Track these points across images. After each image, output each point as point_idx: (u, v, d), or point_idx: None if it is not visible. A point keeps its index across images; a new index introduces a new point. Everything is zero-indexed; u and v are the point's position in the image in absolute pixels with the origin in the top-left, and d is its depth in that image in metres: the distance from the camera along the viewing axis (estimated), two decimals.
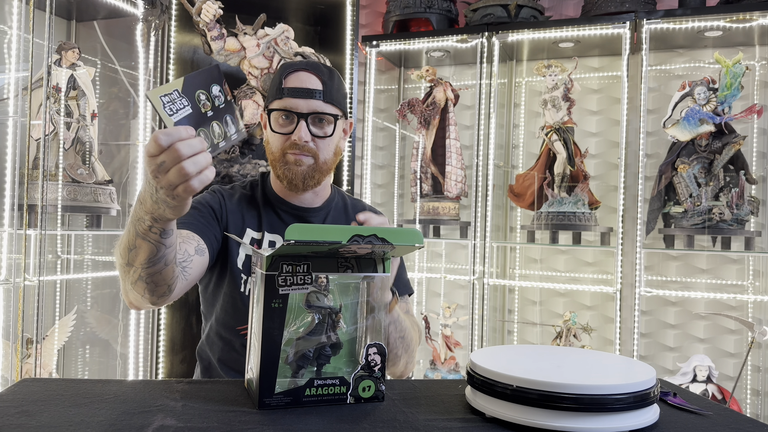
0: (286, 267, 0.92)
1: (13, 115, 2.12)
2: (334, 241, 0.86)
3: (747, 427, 0.89)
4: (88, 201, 2.33)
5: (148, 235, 1.01)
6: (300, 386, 0.94)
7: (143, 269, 1.07)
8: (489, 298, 2.91)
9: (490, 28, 2.89)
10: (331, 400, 0.96)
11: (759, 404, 2.77)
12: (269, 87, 1.36)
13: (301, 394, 0.94)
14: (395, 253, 0.98)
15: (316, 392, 0.95)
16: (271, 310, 0.92)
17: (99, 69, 2.66)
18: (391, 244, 0.90)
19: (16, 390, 1.00)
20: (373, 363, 0.98)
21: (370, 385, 0.98)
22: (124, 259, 1.08)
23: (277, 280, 0.92)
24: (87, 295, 2.72)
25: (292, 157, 1.31)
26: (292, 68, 1.32)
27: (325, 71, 1.33)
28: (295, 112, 1.29)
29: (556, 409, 0.84)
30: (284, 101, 1.30)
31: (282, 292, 0.92)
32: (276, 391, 0.93)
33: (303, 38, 2.82)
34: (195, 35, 2.60)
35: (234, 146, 2.60)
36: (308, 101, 1.29)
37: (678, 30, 2.68)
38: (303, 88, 1.30)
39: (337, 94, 1.33)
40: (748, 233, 2.55)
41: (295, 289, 0.93)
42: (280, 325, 0.92)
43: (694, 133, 2.60)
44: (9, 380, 2.14)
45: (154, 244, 1.03)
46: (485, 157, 2.90)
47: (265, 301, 0.92)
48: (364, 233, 0.88)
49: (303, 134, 1.29)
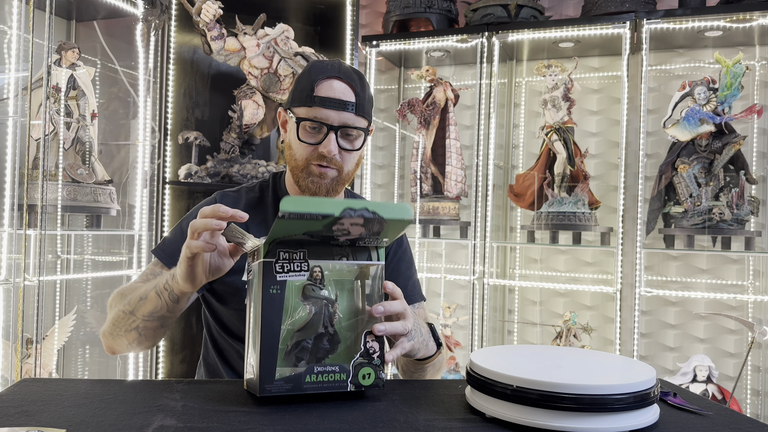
0: (283, 254, 0.94)
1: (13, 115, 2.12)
2: (327, 213, 0.86)
3: (747, 427, 0.89)
4: (88, 201, 2.33)
5: (162, 292, 1.11)
6: (300, 373, 0.94)
7: (143, 321, 1.14)
8: (489, 298, 2.91)
9: (490, 28, 2.89)
10: (331, 387, 0.96)
11: (759, 404, 2.77)
12: (295, 89, 1.28)
13: (302, 380, 0.94)
14: (388, 235, 0.97)
15: (317, 379, 0.95)
16: (270, 296, 0.93)
17: (99, 69, 2.66)
18: (382, 216, 0.90)
19: (16, 390, 1.00)
20: (371, 350, 0.98)
21: (369, 372, 0.98)
22: (131, 306, 1.15)
23: (274, 266, 0.93)
24: (87, 295, 2.72)
25: (316, 169, 1.25)
26: (325, 75, 1.24)
27: (357, 80, 1.26)
28: (326, 123, 1.23)
29: (556, 409, 0.84)
30: (314, 110, 1.23)
31: (280, 279, 0.93)
32: (276, 378, 0.93)
33: (303, 38, 2.82)
34: (195, 35, 2.60)
35: (234, 146, 2.60)
36: (340, 113, 1.23)
37: (678, 30, 2.68)
38: (336, 99, 1.23)
39: (368, 105, 1.28)
40: (748, 233, 2.55)
41: (293, 276, 0.94)
42: (278, 312, 0.93)
43: (694, 133, 2.60)
44: (9, 380, 2.14)
45: (163, 302, 1.11)
46: (485, 157, 2.90)
47: (263, 287, 0.93)
48: (356, 206, 0.88)
49: (332, 147, 1.23)
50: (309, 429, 0.84)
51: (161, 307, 1.12)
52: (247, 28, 2.53)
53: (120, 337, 1.18)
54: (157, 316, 1.14)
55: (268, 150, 2.85)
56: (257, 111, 2.58)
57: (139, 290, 1.16)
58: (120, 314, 1.18)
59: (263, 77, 2.56)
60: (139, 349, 1.20)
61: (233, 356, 1.35)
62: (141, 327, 1.15)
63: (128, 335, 1.16)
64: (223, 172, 2.58)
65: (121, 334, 1.18)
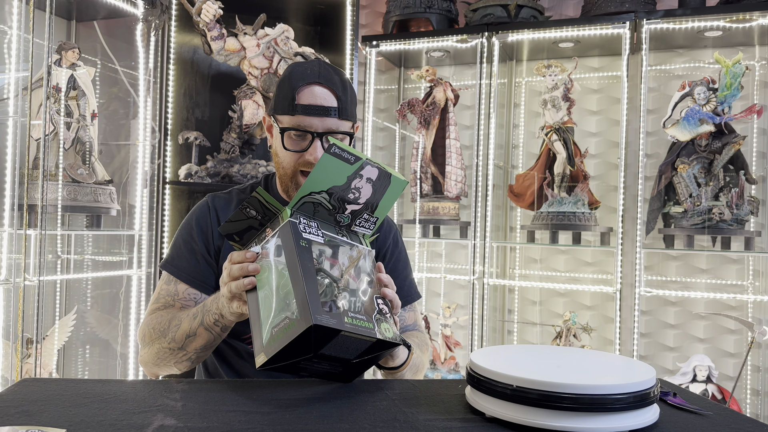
0: (303, 219, 1.03)
1: (13, 115, 2.12)
2: (359, 156, 1.01)
3: (747, 427, 0.89)
4: (88, 201, 2.33)
5: (212, 328, 1.17)
6: (341, 312, 0.96)
7: (196, 353, 1.22)
8: (489, 298, 2.91)
9: (490, 28, 2.89)
10: (364, 332, 0.97)
11: (759, 404, 2.77)
12: (277, 96, 1.29)
13: (343, 319, 0.95)
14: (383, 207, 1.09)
15: (353, 322, 0.96)
16: (302, 248, 0.99)
17: (99, 69, 2.66)
18: (388, 172, 1.05)
19: (16, 390, 1.00)
20: (384, 311, 1.04)
21: (388, 327, 1.02)
22: (178, 343, 1.21)
23: (299, 225, 1.01)
24: (87, 295, 2.72)
25: (304, 177, 1.26)
26: (305, 81, 1.24)
27: (338, 84, 1.26)
28: (310, 131, 1.23)
29: (556, 409, 0.84)
30: (297, 119, 1.24)
31: (305, 236, 1.00)
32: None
33: (303, 38, 2.82)
34: (195, 35, 2.60)
35: (234, 146, 2.60)
36: (323, 120, 1.23)
37: (678, 30, 2.68)
38: (318, 105, 1.23)
39: (351, 107, 1.28)
40: (748, 233, 2.55)
41: (313, 237, 1.02)
42: (311, 259, 0.99)
43: (694, 133, 2.60)
44: (9, 380, 2.14)
45: (214, 335, 1.19)
46: (485, 157, 2.90)
47: (294, 242, 0.99)
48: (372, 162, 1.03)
49: (318, 154, 1.23)
50: (309, 429, 0.85)
51: (214, 339, 1.20)
52: (247, 28, 2.53)
53: (169, 367, 1.26)
54: (209, 346, 1.22)
55: (267, 150, 2.85)
56: (257, 111, 2.58)
57: (182, 326, 1.21)
58: (166, 351, 1.23)
59: (263, 77, 2.56)
60: (184, 369, 1.28)
61: (231, 356, 1.36)
62: (194, 358, 1.23)
63: (180, 365, 1.25)
64: (223, 172, 2.58)
65: (170, 365, 1.25)
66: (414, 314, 1.45)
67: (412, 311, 1.45)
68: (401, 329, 1.40)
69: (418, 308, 1.49)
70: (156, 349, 1.24)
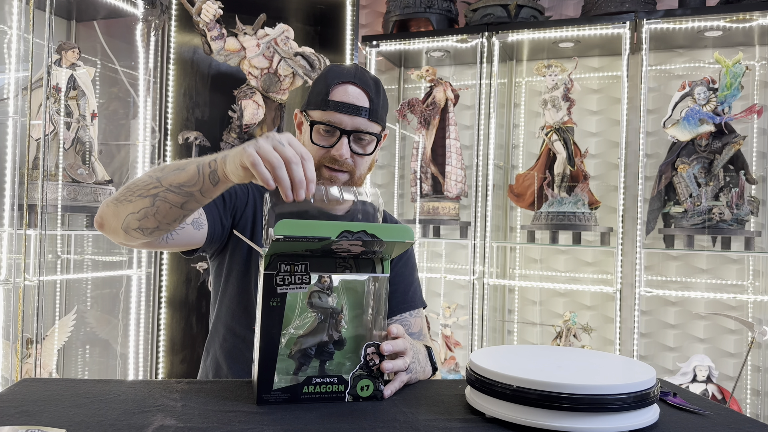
0: (284, 266, 0.93)
1: (13, 115, 2.12)
2: (323, 236, 0.87)
3: (747, 427, 0.89)
4: (88, 201, 2.33)
5: (204, 167, 1.04)
6: (299, 383, 0.95)
7: (166, 190, 1.06)
8: (489, 298, 2.91)
9: (490, 28, 2.89)
10: (329, 398, 0.96)
11: (759, 404, 2.77)
12: (312, 92, 1.30)
13: (299, 391, 0.95)
14: (389, 252, 0.98)
15: (314, 390, 0.96)
16: (270, 308, 0.93)
17: (99, 69, 2.66)
18: (382, 240, 0.91)
19: (16, 390, 1.00)
20: (371, 363, 0.99)
21: (368, 384, 0.99)
22: (163, 172, 1.08)
23: (275, 279, 0.93)
24: (87, 295, 2.73)
25: (327, 172, 1.27)
26: (340, 79, 1.26)
27: (372, 86, 1.28)
28: (339, 127, 1.25)
29: (556, 409, 0.84)
30: (328, 114, 1.25)
31: (280, 291, 0.93)
32: (275, 387, 0.94)
33: (303, 38, 2.82)
34: (195, 35, 2.60)
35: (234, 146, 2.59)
36: (353, 118, 1.25)
37: (678, 30, 2.68)
38: (350, 104, 1.25)
39: (382, 111, 1.29)
40: (748, 233, 2.55)
41: (294, 288, 0.94)
42: (278, 324, 0.93)
43: (694, 133, 2.60)
44: (9, 380, 2.14)
45: (200, 178, 1.04)
46: (485, 157, 2.90)
47: (263, 299, 0.93)
48: (354, 229, 0.88)
49: (344, 151, 1.25)
50: (309, 429, 0.85)
51: (196, 182, 1.05)
52: (247, 28, 2.53)
53: (127, 203, 1.09)
54: (184, 191, 1.06)
55: None
56: (257, 111, 2.58)
57: (178, 163, 1.09)
58: (144, 178, 1.10)
59: (263, 77, 2.56)
60: (134, 231, 1.11)
61: (243, 349, 1.33)
62: (160, 196, 1.06)
63: (138, 202, 1.08)
64: None
65: (130, 200, 1.09)
66: (420, 321, 1.42)
67: (419, 317, 1.42)
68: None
69: (424, 315, 1.46)
70: (136, 179, 1.12)
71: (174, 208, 1.07)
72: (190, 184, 1.05)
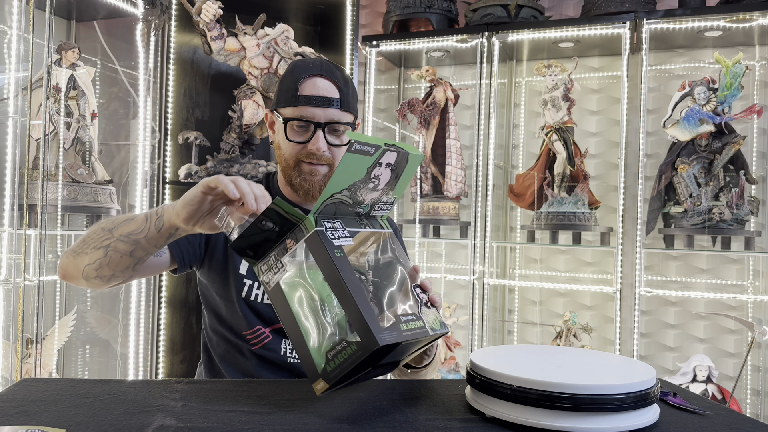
0: (327, 224, 0.96)
1: (13, 115, 2.12)
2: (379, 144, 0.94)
3: (747, 427, 0.89)
4: (88, 201, 2.33)
5: (150, 216, 1.09)
6: (395, 322, 0.91)
7: (116, 240, 1.11)
8: (489, 298, 2.90)
9: (490, 28, 2.89)
10: (420, 334, 0.94)
11: (759, 404, 2.77)
12: (279, 90, 1.31)
13: (401, 327, 0.92)
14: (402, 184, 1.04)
15: (408, 327, 0.93)
16: (339, 258, 0.92)
17: (99, 69, 2.66)
18: (406, 151, 0.99)
19: (16, 390, 1.00)
20: (424, 300, 1.01)
21: (435, 318, 1.00)
22: (113, 224, 1.14)
23: (327, 233, 0.94)
24: (87, 295, 2.73)
25: (307, 167, 1.28)
26: (307, 73, 1.27)
27: (340, 77, 1.29)
28: (312, 121, 1.25)
29: (556, 409, 0.84)
30: (300, 109, 1.26)
31: (336, 243, 0.94)
32: (385, 326, 0.90)
33: (303, 38, 2.82)
34: (195, 35, 2.60)
35: (234, 146, 2.60)
36: (326, 110, 1.25)
37: (678, 30, 2.68)
38: (320, 96, 1.25)
39: (352, 100, 1.30)
40: (748, 233, 2.55)
41: (343, 240, 0.96)
42: (352, 270, 0.92)
43: (694, 133, 2.60)
44: (9, 380, 2.14)
45: (147, 226, 1.09)
46: (485, 157, 2.90)
47: (330, 254, 0.91)
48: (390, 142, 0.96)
49: (321, 144, 1.25)
50: (309, 429, 0.85)
51: (142, 229, 1.10)
52: (247, 28, 2.53)
53: (84, 255, 1.15)
54: (132, 239, 1.10)
55: (268, 150, 2.85)
56: (257, 111, 2.58)
57: (130, 214, 1.16)
58: (97, 230, 1.15)
59: (263, 77, 2.56)
60: (94, 280, 1.16)
61: (234, 354, 1.35)
62: (111, 246, 1.12)
63: (93, 254, 1.13)
64: (223, 172, 2.58)
65: (86, 252, 1.14)
66: None
67: None
68: None
69: None
70: (90, 230, 1.17)
71: (124, 257, 1.12)
72: (137, 231, 1.10)
